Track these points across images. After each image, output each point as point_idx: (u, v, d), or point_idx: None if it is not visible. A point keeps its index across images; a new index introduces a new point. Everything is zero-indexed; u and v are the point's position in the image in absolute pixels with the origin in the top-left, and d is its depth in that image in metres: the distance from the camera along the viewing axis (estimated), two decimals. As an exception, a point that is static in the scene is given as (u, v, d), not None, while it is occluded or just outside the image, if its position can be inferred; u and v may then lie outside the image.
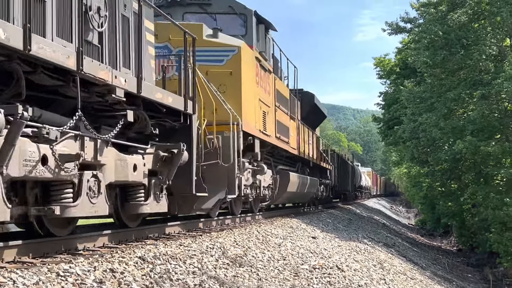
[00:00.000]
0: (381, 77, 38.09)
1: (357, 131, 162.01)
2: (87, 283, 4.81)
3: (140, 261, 5.94)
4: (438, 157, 22.50)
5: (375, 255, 13.85)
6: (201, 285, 5.98)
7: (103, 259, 5.62)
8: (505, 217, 19.10)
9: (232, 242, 8.58)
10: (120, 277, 5.25)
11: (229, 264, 7.27)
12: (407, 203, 77.35)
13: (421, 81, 25.17)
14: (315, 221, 17.02)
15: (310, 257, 9.85)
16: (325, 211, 23.44)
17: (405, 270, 13.99)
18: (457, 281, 17.88)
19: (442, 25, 20.87)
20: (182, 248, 7.16)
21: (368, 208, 42.15)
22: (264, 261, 8.22)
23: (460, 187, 25.11)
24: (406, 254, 18.43)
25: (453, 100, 21.19)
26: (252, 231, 10.34)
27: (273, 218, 14.70)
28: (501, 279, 20.99)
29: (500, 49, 21.36)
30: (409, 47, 28.88)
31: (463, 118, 22.21)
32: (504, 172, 19.54)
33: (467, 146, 19.20)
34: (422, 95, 23.16)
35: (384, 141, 40.39)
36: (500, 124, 20.80)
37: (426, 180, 31.97)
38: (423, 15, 24.01)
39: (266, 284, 7.04)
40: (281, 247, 9.87)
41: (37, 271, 4.74)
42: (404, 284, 11.49)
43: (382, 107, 38.41)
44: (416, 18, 26.67)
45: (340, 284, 8.32)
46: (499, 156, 20.14)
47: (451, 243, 32.85)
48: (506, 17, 19.05)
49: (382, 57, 38.28)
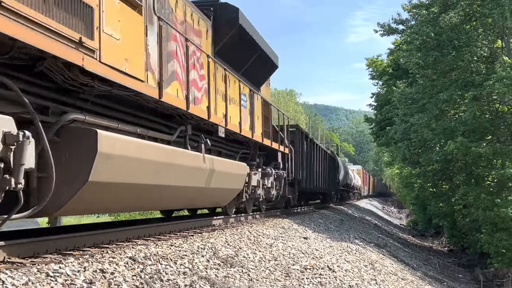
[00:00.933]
0: (374, 78, 38.20)
1: (349, 132, 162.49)
2: (77, 284, 4.79)
3: (131, 261, 5.92)
4: (429, 158, 22.59)
5: (366, 256, 13.88)
6: (191, 285, 5.96)
7: (93, 259, 5.60)
8: (496, 218, 19.19)
9: (223, 243, 8.57)
10: (110, 278, 5.22)
11: (220, 265, 7.26)
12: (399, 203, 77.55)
13: (413, 82, 25.27)
14: (306, 221, 17.03)
15: (302, 258, 9.85)
16: (317, 211, 23.46)
17: (396, 271, 14.02)
18: (448, 282, 17.94)
19: (434, 27, 20.96)
20: (173, 248, 7.14)
21: (359, 208, 42.22)
22: (255, 261, 8.21)
23: (451, 188, 25.20)
24: (397, 255, 18.47)
25: (444, 101, 21.28)
26: (243, 232, 10.34)
27: (265, 219, 14.70)
28: (492, 279, 21.09)
29: (492, 51, 21.46)
30: (401, 48, 28.98)
31: (455, 119, 22.30)
32: (495, 173, 19.62)
33: (458, 147, 19.27)
34: (414, 96, 23.24)
35: (376, 141, 40.50)
36: (491, 125, 20.89)
37: (417, 181, 32.10)
38: (415, 17, 24.11)
39: (257, 284, 7.03)
40: (272, 247, 9.86)
41: (26, 271, 4.71)
42: (395, 284, 11.51)
43: (374, 108, 38.52)
44: (408, 20, 26.77)
45: (331, 285, 8.32)
46: (490, 157, 20.22)
47: (442, 244, 32.97)
48: (497, 18, 19.13)
49: (375, 58, 38.39)
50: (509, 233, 18.94)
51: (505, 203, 19.06)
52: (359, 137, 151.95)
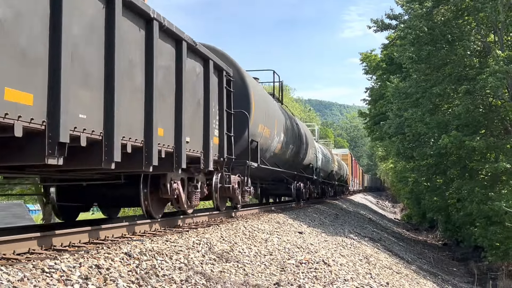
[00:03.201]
0: (367, 73, 38.24)
1: (343, 127, 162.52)
2: (72, 280, 4.79)
3: (126, 257, 5.92)
4: (423, 152, 22.65)
5: (361, 250, 13.91)
6: (187, 280, 5.97)
7: (88, 255, 5.60)
8: (489, 211, 19.26)
9: (218, 238, 8.58)
10: (106, 273, 5.23)
11: (216, 260, 7.27)
12: (393, 198, 77.79)
13: (407, 76, 25.31)
14: (301, 216, 17.07)
15: (297, 252, 9.88)
16: (312, 206, 23.49)
17: (391, 265, 14.07)
18: (442, 275, 18.02)
19: (427, 21, 20.96)
20: (168, 244, 7.15)
21: (354, 203, 42.33)
22: (250, 256, 8.23)
23: (445, 182, 25.29)
24: (392, 249, 18.53)
25: (438, 95, 21.32)
26: (238, 227, 10.35)
27: (260, 214, 14.72)
28: (486, 272, 21.20)
29: (484, 45, 21.50)
30: (394, 43, 29.00)
31: (448, 113, 22.36)
32: (489, 166, 19.68)
33: (452, 141, 19.32)
34: (407, 90, 23.26)
35: (370, 136, 40.58)
36: (485, 119, 20.95)
37: (411, 175, 32.19)
38: (408, 11, 24.10)
39: (253, 279, 7.05)
40: (267, 242, 9.88)
41: (22, 267, 4.71)
42: (390, 278, 11.55)
43: (368, 102, 38.58)
44: (402, 15, 26.76)
45: (326, 279, 8.34)
46: (483, 151, 20.29)
47: (436, 238, 33.12)
48: (490, 12, 19.16)
49: (369, 53, 38.41)
50: (502, 226, 19.02)
51: (498, 197, 19.14)
52: (353, 132, 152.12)
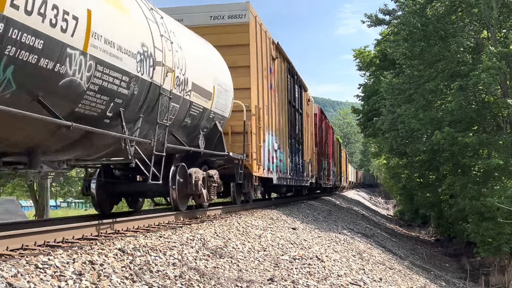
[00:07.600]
0: (361, 69, 38.26)
1: (336, 123, 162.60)
2: (66, 275, 4.77)
3: (120, 253, 5.90)
4: (416, 148, 22.70)
5: (354, 246, 13.95)
6: (181, 276, 5.96)
7: (82, 251, 5.58)
8: (482, 207, 19.34)
9: (212, 234, 8.57)
10: (100, 269, 5.21)
11: (210, 256, 7.26)
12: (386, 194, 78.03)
13: (400, 72, 25.35)
14: (295, 212, 17.09)
15: (290, 248, 9.89)
16: (305, 202, 23.52)
17: (384, 260, 14.11)
18: (435, 271, 18.10)
19: (421, 17, 21.00)
20: (162, 239, 7.13)
21: (347, 199, 42.42)
22: (244, 252, 8.23)
23: (438, 178, 25.39)
24: (385, 245, 18.59)
25: (431, 91, 21.36)
26: (232, 223, 10.35)
27: (254, 210, 14.73)
28: (478, 268, 21.30)
29: (478, 41, 21.57)
30: (388, 39, 29.02)
31: (441, 109, 22.42)
32: (481, 163, 19.76)
33: (445, 137, 19.37)
34: (401, 86, 23.31)
35: (363, 132, 40.61)
36: (478, 115, 21.02)
37: (404, 172, 32.29)
38: (401, 7, 24.13)
39: (247, 274, 7.05)
40: (261, 238, 9.89)
41: (15, 263, 4.69)
42: (383, 273, 11.58)
43: (361, 98, 38.59)
44: (395, 10, 26.78)
45: (319, 274, 8.35)
46: (476, 147, 20.36)
47: (429, 234, 33.24)
48: (483, 9, 19.22)
49: (362, 49, 38.43)
50: (495, 222, 19.10)
51: (491, 193, 19.23)
52: (346, 128, 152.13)
